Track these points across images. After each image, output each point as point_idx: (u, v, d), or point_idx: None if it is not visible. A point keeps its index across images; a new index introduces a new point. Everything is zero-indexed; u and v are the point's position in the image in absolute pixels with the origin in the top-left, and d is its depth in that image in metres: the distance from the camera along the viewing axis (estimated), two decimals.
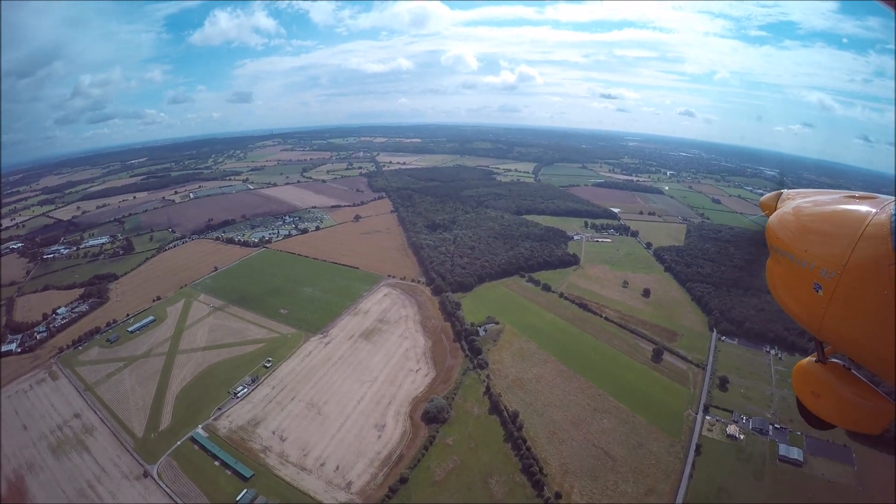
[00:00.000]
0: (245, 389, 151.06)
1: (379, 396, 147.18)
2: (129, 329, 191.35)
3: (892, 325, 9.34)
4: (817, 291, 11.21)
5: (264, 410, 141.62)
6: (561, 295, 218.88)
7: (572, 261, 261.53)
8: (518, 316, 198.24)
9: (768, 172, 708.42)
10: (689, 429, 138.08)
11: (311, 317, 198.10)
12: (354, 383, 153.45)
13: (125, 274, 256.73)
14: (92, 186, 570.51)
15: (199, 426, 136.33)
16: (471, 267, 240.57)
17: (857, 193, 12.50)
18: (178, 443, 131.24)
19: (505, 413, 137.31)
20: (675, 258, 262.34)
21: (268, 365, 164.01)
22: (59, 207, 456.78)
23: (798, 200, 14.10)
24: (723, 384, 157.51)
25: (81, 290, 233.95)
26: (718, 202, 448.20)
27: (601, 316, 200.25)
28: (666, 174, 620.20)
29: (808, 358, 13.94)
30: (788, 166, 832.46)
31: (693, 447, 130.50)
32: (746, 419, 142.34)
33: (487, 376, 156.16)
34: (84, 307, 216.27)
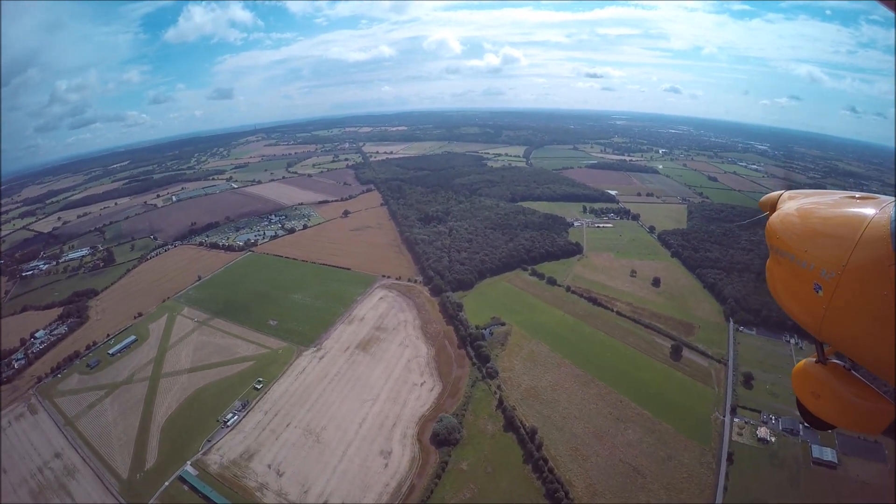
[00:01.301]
0: (235, 417, 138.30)
1: (382, 417, 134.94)
2: (110, 352, 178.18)
3: (892, 325, 9.03)
4: (817, 292, 10.95)
5: (257, 441, 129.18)
6: (568, 289, 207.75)
7: (575, 250, 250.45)
8: (525, 315, 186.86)
9: (759, 147, 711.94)
10: (718, 434, 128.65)
11: (302, 328, 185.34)
12: (354, 403, 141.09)
13: (105, 288, 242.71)
14: (73, 195, 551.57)
15: (188, 463, 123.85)
16: (470, 262, 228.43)
17: (857, 194, 12.00)
18: (167, 483, 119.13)
19: (522, 430, 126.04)
20: (682, 243, 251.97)
21: (258, 386, 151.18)
22: (40, 219, 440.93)
23: (799, 201, 13.54)
24: (747, 381, 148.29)
25: (60, 310, 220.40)
26: (715, 180, 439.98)
27: (612, 310, 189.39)
28: (658, 152, 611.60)
29: (808, 358, 13.21)
30: (777, 139, 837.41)
31: (724, 455, 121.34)
32: (776, 419, 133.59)
33: (499, 387, 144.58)
34: (63, 329, 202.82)
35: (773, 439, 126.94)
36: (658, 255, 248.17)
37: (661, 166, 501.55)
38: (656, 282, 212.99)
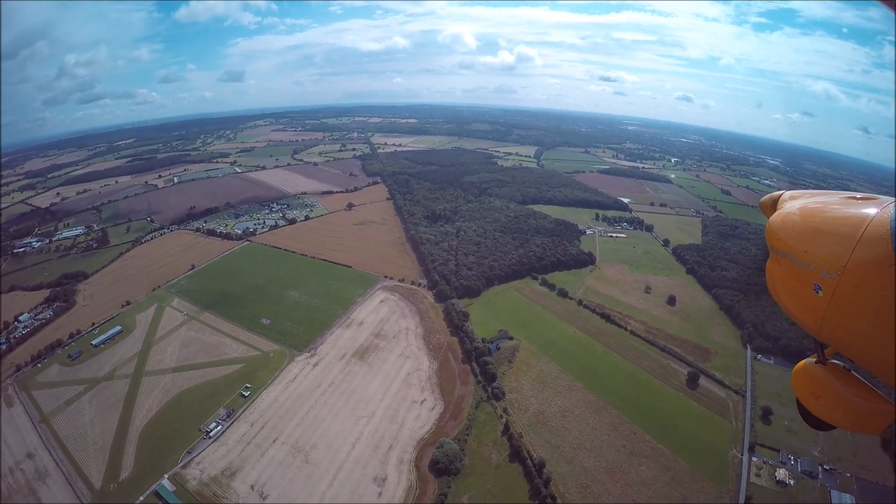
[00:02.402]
0: (219, 427, 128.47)
1: (378, 438, 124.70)
2: (94, 342, 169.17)
3: (892, 326, 8.71)
4: (817, 293, 10.57)
5: (241, 456, 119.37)
6: (580, 302, 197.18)
7: (588, 260, 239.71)
8: (534, 329, 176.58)
9: (771, 161, 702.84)
10: (735, 475, 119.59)
11: (296, 329, 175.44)
12: (348, 419, 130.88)
13: (96, 272, 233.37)
14: (76, 170, 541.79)
15: (166, 476, 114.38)
16: (478, 268, 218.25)
17: (858, 194, 11.37)
18: (142, 497, 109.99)
19: (529, 461, 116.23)
20: (697, 259, 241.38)
21: (246, 393, 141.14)
22: (40, 193, 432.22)
23: (798, 201, 12.81)
24: (766, 415, 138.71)
25: (47, 292, 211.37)
26: (728, 193, 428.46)
27: (626, 329, 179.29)
28: (671, 161, 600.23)
29: (808, 359, 12.63)
30: (788, 155, 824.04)
31: (742, 499, 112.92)
32: (794, 460, 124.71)
33: (505, 410, 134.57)
34: (48, 313, 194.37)
35: (791, 482, 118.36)
36: (673, 270, 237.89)
37: (673, 176, 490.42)
38: (671, 300, 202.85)
